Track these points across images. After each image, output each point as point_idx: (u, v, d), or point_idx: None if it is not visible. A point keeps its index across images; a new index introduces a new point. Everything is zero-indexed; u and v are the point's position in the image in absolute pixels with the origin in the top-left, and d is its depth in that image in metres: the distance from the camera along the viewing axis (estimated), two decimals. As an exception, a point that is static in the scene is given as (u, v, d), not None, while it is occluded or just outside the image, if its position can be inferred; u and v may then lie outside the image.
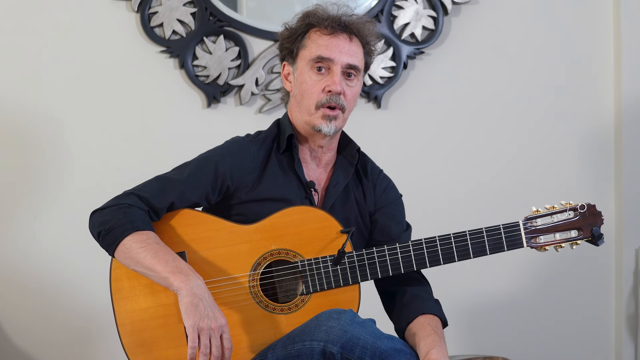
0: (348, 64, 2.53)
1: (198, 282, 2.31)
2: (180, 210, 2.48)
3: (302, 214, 2.51)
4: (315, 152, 2.62)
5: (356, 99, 2.60)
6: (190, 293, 2.28)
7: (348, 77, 2.55)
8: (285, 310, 2.47)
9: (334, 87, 2.51)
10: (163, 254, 2.34)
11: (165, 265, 2.32)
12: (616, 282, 3.89)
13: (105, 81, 3.61)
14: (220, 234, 2.47)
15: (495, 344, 3.86)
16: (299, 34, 2.57)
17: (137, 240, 2.36)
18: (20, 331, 3.55)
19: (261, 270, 2.47)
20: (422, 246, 2.51)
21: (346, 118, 2.59)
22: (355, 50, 2.55)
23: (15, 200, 3.56)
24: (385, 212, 2.68)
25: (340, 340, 2.25)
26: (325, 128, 2.53)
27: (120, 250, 2.38)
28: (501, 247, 2.52)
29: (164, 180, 2.49)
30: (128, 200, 2.43)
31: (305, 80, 2.55)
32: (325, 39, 2.53)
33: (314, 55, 2.53)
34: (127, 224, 2.37)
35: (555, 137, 3.88)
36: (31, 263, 3.55)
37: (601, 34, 3.88)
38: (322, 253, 2.49)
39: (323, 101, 2.52)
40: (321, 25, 2.55)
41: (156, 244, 2.36)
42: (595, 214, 2.53)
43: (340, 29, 2.54)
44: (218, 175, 2.51)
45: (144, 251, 2.34)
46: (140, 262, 2.34)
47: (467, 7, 3.81)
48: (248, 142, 2.59)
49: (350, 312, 2.34)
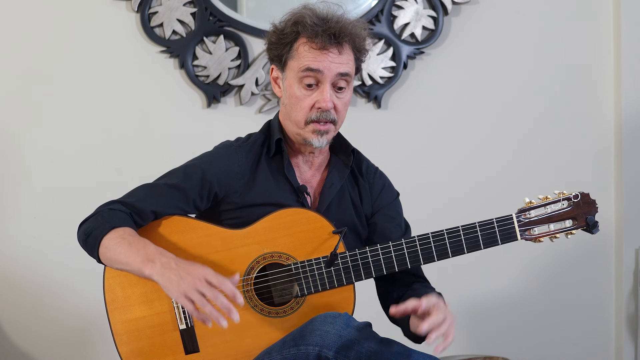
0: (339, 73, 2.48)
1: (163, 260, 2.29)
2: (172, 217, 2.48)
3: (294, 216, 2.49)
4: (307, 156, 2.59)
5: (347, 106, 2.56)
6: (160, 273, 2.26)
7: (339, 90, 2.50)
8: (281, 314, 2.46)
9: (324, 104, 2.47)
10: (135, 245, 2.33)
11: (137, 255, 2.30)
12: (616, 282, 3.89)
13: (105, 81, 3.61)
14: (213, 239, 2.46)
15: (495, 344, 3.87)
16: (287, 42, 2.51)
17: (114, 237, 2.35)
18: (20, 331, 3.57)
19: (254, 274, 2.46)
20: (415, 243, 2.48)
21: (338, 128, 2.56)
22: (345, 59, 2.49)
23: (15, 200, 3.57)
24: (383, 214, 2.65)
25: (335, 344, 2.25)
26: (316, 142, 2.50)
27: (102, 252, 2.37)
28: (495, 241, 2.49)
29: (149, 187, 2.49)
30: (109, 206, 2.43)
31: (294, 93, 2.50)
32: (314, 52, 2.47)
33: (303, 66, 2.47)
34: (104, 223, 2.37)
35: (555, 137, 3.87)
36: (31, 263, 3.56)
37: (601, 33, 3.87)
38: (315, 255, 2.47)
39: (313, 117, 2.48)
40: (310, 37, 2.47)
41: (130, 236, 2.34)
42: (590, 203, 2.49)
43: (330, 43, 2.47)
44: (205, 182, 2.49)
45: (119, 246, 2.33)
46: (118, 258, 2.34)
47: (467, 7, 3.80)
48: (236, 147, 2.56)
49: (345, 315, 2.33)
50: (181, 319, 2.44)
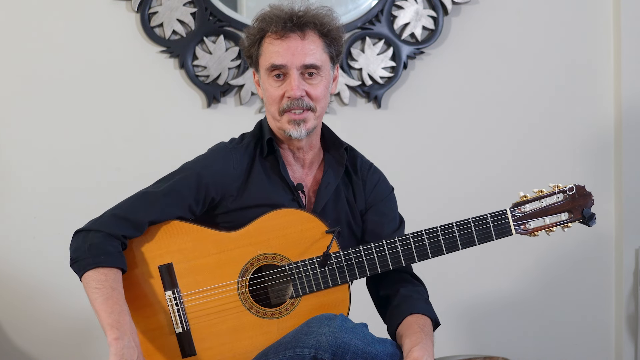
0: (303, 64, 2.47)
1: (130, 344, 2.28)
2: (165, 221, 2.48)
3: (286, 216, 2.48)
4: (297, 153, 2.58)
5: (326, 94, 2.54)
6: (118, 354, 2.26)
7: (309, 77, 2.49)
8: (276, 315, 2.47)
9: (292, 92, 2.47)
10: (112, 302, 2.32)
11: (109, 315, 2.30)
12: (616, 282, 3.88)
13: (105, 81, 3.62)
14: (206, 242, 2.46)
15: (495, 344, 3.86)
16: (255, 41, 2.53)
17: (96, 279, 2.35)
18: (20, 331, 3.57)
19: (249, 276, 2.46)
20: (409, 241, 2.47)
21: (320, 116, 2.54)
22: (310, 48, 2.48)
23: (15, 200, 3.57)
24: (376, 210, 2.63)
25: (331, 346, 2.25)
26: (294, 132, 2.50)
27: (83, 281, 2.39)
28: (489, 237, 2.47)
29: (145, 196, 2.47)
30: (103, 225, 2.42)
31: (266, 88, 2.52)
32: (276, 44, 2.48)
33: (268, 64, 2.49)
34: (89, 257, 2.37)
35: (555, 136, 3.87)
36: (31, 263, 3.57)
37: (601, 33, 3.86)
38: (309, 255, 2.47)
39: (284, 107, 2.49)
40: (272, 29, 2.48)
41: (111, 289, 2.34)
42: (585, 195, 2.47)
43: (291, 29, 2.47)
44: (201, 187, 2.49)
45: (97, 292, 2.34)
46: (92, 302, 2.34)
47: (467, 7, 3.80)
48: (231, 150, 2.56)
49: (341, 317, 2.33)
50: (177, 322, 2.44)
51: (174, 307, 2.45)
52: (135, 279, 2.45)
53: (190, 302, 2.46)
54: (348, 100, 3.73)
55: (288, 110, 2.49)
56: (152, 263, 2.46)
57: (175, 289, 2.45)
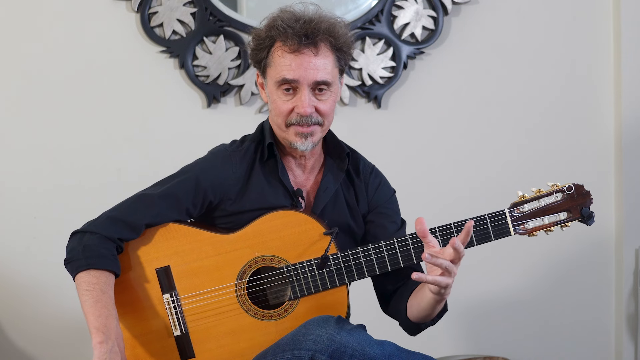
0: (315, 81, 2.43)
1: (114, 349, 2.28)
2: (162, 224, 2.48)
3: (284, 218, 2.48)
4: (299, 160, 2.58)
5: (334, 107, 2.50)
6: (101, 357, 2.26)
7: (319, 92, 2.45)
8: (275, 317, 2.47)
9: (302, 110, 2.43)
10: (101, 306, 2.33)
11: (96, 318, 2.31)
12: (616, 282, 3.88)
13: (106, 81, 3.62)
14: (204, 245, 2.46)
15: (495, 344, 3.86)
16: (264, 47, 2.47)
17: (87, 281, 2.36)
18: (20, 331, 3.58)
19: (247, 278, 2.46)
20: (407, 242, 2.46)
21: (326, 128, 2.53)
22: (322, 63, 2.44)
23: (15, 200, 3.58)
24: (379, 212, 2.63)
25: (328, 349, 2.24)
26: (301, 145, 2.47)
27: (75, 282, 2.39)
28: (488, 237, 2.46)
29: (142, 198, 2.47)
30: (99, 227, 2.42)
31: (274, 99, 2.48)
32: (288, 58, 2.43)
33: (279, 77, 2.44)
34: (82, 259, 2.38)
35: (555, 136, 3.86)
36: (31, 263, 3.57)
37: (601, 34, 3.86)
38: (307, 256, 2.47)
39: (293, 121, 2.46)
40: (284, 40, 2.43)
41: (101, 292, 2.35)
42: (584, 194, 2.45)
43: (305, 44, 2.42)
44: (199, 190, 2.48)
45: (87, 294, 2.34)
46: (82, 304, 2.35)
47: (467, 7, 3.79)
48: (231, 153, 2.54)
49: (339, 319, 2.32)
50: (175, 325, 2.45)
51: (172, 310, 2.45)
52: (133, 282, 2.45)
53: (188, 305, 2.46)
54: (348, 100, 3.73)
55: (296, 124, 2.46)
56: (149, 266, 2.46)
57: (173, 291, 2.46)
